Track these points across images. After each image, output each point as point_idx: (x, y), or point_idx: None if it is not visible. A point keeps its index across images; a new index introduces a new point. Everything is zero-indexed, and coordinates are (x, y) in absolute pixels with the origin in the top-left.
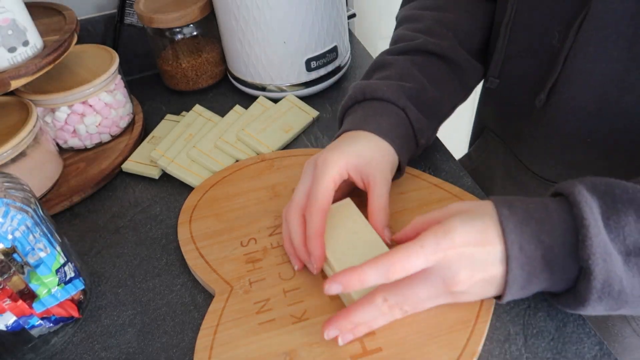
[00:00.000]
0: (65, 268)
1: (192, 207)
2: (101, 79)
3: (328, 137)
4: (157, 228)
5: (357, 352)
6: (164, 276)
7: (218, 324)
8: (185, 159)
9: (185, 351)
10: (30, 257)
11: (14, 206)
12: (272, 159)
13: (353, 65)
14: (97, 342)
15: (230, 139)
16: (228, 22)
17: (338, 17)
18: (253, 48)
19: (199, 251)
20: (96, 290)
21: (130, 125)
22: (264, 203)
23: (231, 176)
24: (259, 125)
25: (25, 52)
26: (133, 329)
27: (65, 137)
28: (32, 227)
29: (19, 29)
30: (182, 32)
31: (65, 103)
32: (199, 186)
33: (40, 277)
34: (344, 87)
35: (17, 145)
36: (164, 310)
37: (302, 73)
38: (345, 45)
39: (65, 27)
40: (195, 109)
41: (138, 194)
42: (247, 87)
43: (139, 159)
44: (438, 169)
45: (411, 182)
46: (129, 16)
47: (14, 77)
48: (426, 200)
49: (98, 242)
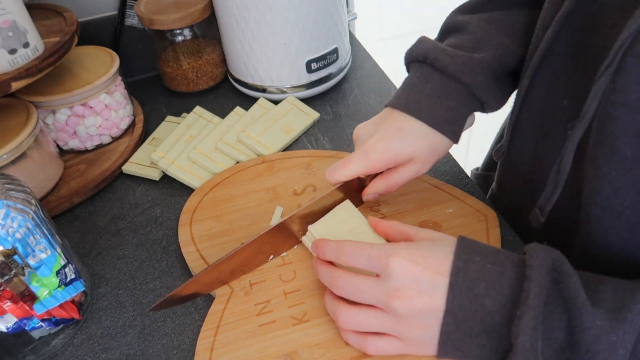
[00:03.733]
0: (66, 269)
1: (193, 209)
2: (101, 81)
3: (329, 138)
4: (157, 230)
5: (357, 353)
6: (165, 278)
7: (218, 326)
8: (186, 160)
9: (186, 353)
10: (30, 259)
11: (15, 208)
12: (273, 161)
13: (353, 66)
14: (98, 343)
15: (231, 141)
16: (228, 23)
17: (339, 18)
18: (253, 49)
19: (199, 253)
20: (97, 291)
21: (131, 126)
22: (265, 205)
23: (232, 178)
24: (259, 127)
25: (25, 54)
26: (133, 330)
27: (66, 139)
28: (32, 229)
29: (19, 30)
30: (182, 34)
31: (65, 105)
32: (200, 188)
33: (40, 279)
34: (344, 89)
35: (17, 146)
36: (164, 311)
37: (303, 74)
38: (346, 47)
39: (66, 29)
40: (195, 111)
41: (138, 195)
42: (247, 89)
43: (139, 160)
44: (439, 170)
45: (412, 183)
46: (129, 18)
47: (15, 78)
48: (427, 201)
49: (98, 244)
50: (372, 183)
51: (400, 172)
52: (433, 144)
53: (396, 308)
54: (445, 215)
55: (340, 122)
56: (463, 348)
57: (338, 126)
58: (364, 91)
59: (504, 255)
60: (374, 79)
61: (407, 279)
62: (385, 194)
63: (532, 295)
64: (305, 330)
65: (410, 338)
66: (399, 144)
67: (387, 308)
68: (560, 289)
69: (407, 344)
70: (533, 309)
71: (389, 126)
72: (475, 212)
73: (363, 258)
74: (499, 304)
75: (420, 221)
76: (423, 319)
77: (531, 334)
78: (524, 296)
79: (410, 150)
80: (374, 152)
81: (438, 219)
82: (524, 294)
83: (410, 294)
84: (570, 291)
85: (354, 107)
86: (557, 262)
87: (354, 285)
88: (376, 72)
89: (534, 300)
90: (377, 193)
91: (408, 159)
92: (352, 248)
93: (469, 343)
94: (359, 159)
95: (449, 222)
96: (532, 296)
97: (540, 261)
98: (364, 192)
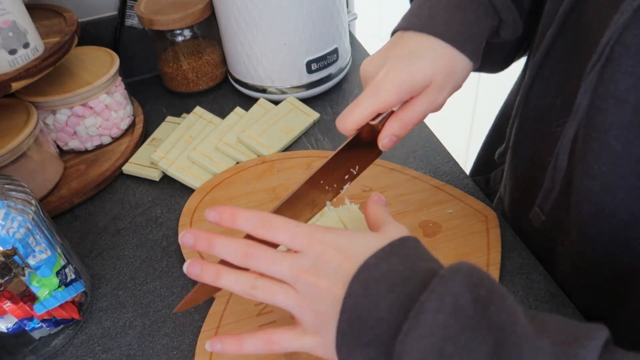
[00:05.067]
0: (66, 270)
1: (193, 209)
2: (102, 81)
3: (329, 138)
4: (157, 230)
5: None
6: (165, 278)
7: (219, 326)
8: (186, 161)
9: (186, 353)
10: (30, 259)
11: (15, 208)
12: (273, 161)
13: (354, 67)
14: (98, 344)
15: (231, 141)
16: (229, 23)
17: (339, 18)
18: (254, 50)
19: (199, 253)
20: (97, 292)
21: (131, 127)
22: (265, 205)
23: (232, 178)
24: (259, 127)
25: (25, 54)
26: (134, 331)
27: (66, 139)
28: (32, 229)
29: (19, 31)
30: (182, 34)
31: (65, 105)
32: (200, 188)
33: (41, 279)
34: (344, 89)
35: (17, 147)
36: (164, 312)
37: (303, 75)
38: (346, 47)
39: (66, 29)
40: (195, 111)
41: (139, 196)
42: (247, 89)
43: (139, 161)
44: (439, 170)
45: (411, 184)
46: (129, 18)
47: (15, 79)
48: (427, 202)
49: (98, 244)
50: (385, 125)
51: (415, 105)
52: (450, 64)
53: (302, 283)
54: (445, 216)
55: None
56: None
57: None
58: None
59: (431, 265)
60: None
61: (320, 259)
62: (402, 135)
63: (428, 308)
64: None
65: (308, 321)
66: (412, 69)
67: (295, 282)
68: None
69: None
70: (428, 327)
71: (399, 52)
72: (475, 212)
73: (285, 234)
74: (391, 312)
75: (420, 222)
76: (322, 303)
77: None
78: (417, 308)
79: (425, 74)
80: (385, 84)
81: (438, 219)
82: (418, 305)
83: (318, 273)
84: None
85: None
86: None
87: (270, 257)
88: None
89: (430, 317)
90: (393, 135)
91: (424, 85)
92: (274, 220)
93: (359, 354)
94: (369, 96)
95: (449, 222)
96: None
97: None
98: (379, 138)
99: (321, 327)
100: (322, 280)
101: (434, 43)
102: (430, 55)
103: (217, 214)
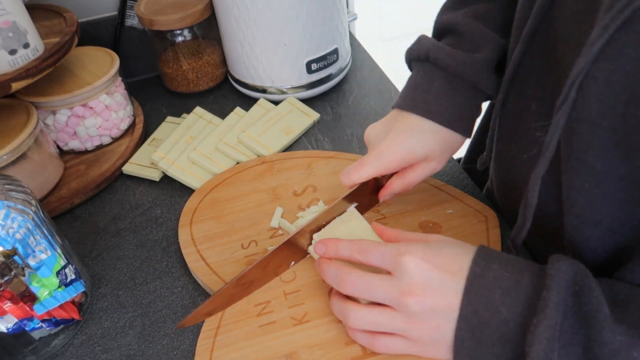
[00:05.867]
0: (66, 270)
1: (193, 210)
2: (102, 81)
3: (329, 139)
4: (157, 230)
5: (357, 354)
6: (165, 278)
7: (219, 327)
8: (186, 161)
9: (186, 353)
10: (31, 259)
11: (15, 208)
12: (273, 162)
13: (354, 67)
14: (98, 344)
15: (231, 141)
16: (229, 24)
17: (339, 19)
18: (254, 50)
19: (199, 253)
20: (97, 292)
21: (131, 127)
22: (265, 205)
23: (232, 178)
24: (259, 128)
25: (25, 55)
26: (134, 331)
27: (66, 140)
28: (32, 229)
29: (19, 31)
30: (182, 34)
31: (65, 105)
32: (200, 188)
33: (41, 279)
34: (344, 89)
35: (17, 147)
36: (164, 312)
37: (303, 75)
38: (346, 47)
39: (66, 30)
40: (195, 111)
41: (139, 196)
42: (247, 89)
43: (139, 161)
44: (439, 170)
45: None
46: (129, 18)
47: (15, 79)
48: (427, 202)
49: (99, 245)
50: (388, 183)
51: (417, 171)
52: (446, 141)
53: (408, 305)
54: (445, 216)
55: (340, 122)
56: (478, 357)
57: (338, 127)
58: (364, 92)
59: (523, 265)
60: (374, 79)
61: (418, 276)
62: (402, 193)
63: (550, 305)
64: (305, 330)
65: (420, 338)
66: (412, 144)
67: (399, 306)
68: (581, 303)
69: (416, 344)
70: (550, 319)
71: (400, 127)
72: (475, 212)
73: (376, 254)
74: (514, 312)
75: (420, 222)
76: (434, 318)
77: (546, 343)
78: (542, 304)
79: (424, 149)
80: (388, 153)
81: (438, 219)
82: (542, 302)
83: (422, 291)
84: (591, 305)
85: (354, 107)
86: (580, 276)
87: (365, 282)
88: (376, 73)
89: (552, 310)
90: (394, 192)
91: (423, 158)
92: (366, 245)
93: (484, 352)
94: (373, 160)
95: (449, 222)
96: (551, 305)
97: (561, 273)
98: (380, 192)
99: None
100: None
101: (429, 124)
102: (427, 133)
103: (324, 246)
